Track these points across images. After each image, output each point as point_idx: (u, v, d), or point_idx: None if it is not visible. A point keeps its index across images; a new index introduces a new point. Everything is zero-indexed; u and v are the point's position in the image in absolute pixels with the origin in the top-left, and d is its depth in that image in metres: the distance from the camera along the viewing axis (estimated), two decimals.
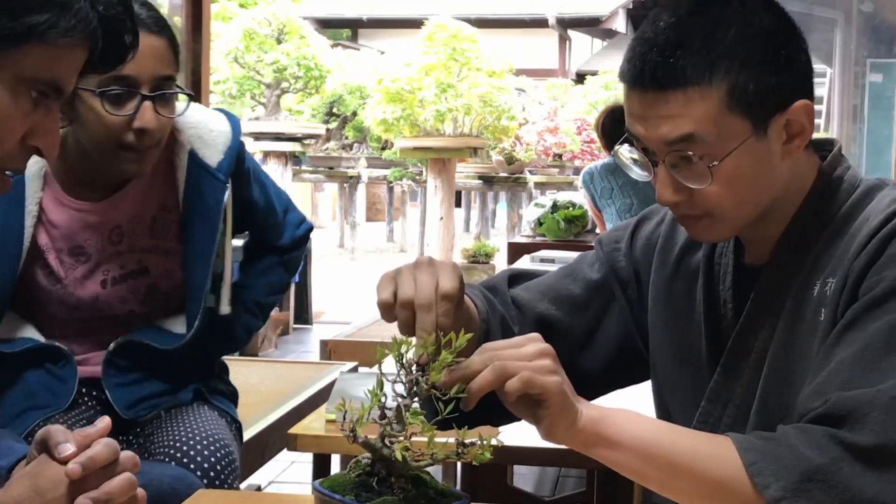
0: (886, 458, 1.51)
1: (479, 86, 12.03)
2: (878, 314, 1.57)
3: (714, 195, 1.64)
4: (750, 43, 1.62)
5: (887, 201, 1.65)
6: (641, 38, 1.64)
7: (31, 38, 1.58)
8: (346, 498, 1.53)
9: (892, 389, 1.52)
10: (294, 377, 3.53)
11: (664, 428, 1.65)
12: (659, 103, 1.62)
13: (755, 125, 1.62)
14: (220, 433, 2.40)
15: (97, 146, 2.26)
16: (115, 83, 2.19)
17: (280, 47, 13.21)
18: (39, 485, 1.55)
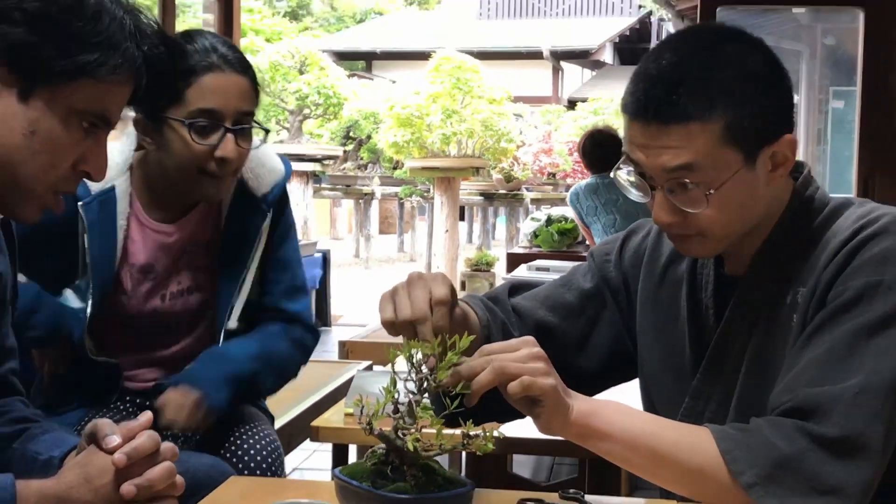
0: (849, 448, 1.51)
1: (480, 112, 12.04)
2: (843, 320, 1.58)
3: (706, 218, 1.64)
4: (744, 83, 1.62)
5: (853, 218, 1.66)
6: (644, 74, 1.64)
7: (83, 75, 1.59)
8: (364, 484, 1.53)
9: (855, 387, 1.53)
10: (315, 375, 3.53)
11: (649, 420, 1.65)
12: (661, 135, 1.61)
13: (746, 157, 1.63)
14: (268, 429, 2.41)
15: (181, 171, 2.25)
16: (203, 116, 2.20)
17: (302, 77, 13.26)
18: (89, 473, 1.56)
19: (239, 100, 2.24)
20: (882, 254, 1.59)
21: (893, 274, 1.58)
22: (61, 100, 1.60)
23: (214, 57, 2.22)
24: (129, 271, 2.34)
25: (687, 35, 1.75)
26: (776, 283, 1.71)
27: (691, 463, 1.56)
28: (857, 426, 1.51)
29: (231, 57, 2.25)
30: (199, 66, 2.20)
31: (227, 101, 2.22)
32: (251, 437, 2.34)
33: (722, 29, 1.72)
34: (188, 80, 2.19)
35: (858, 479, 1.51)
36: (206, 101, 2.20)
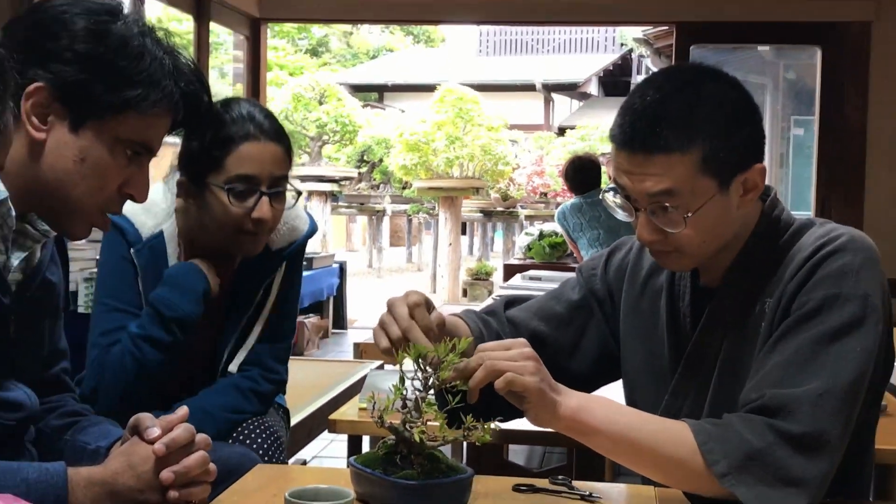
0: (811, 444, 1.52)
1: (480, 138, 12.07)
2: (805, 327, 1.59)
3: (684, 237, 1.64)
4: (720, 119, 1.62)
5: (815, 237, 1.67)
6: (630, 109, 1.64)
7: (127, 109, 1.60)
8: (376, 471, 1.54)
9: (818, 389, 1.53)
10: (333, 373, 3.52)
11: (632, 414, 1.65)
12: (645, 164, 1.62)
13: (720, 184, 1.63)
14: (271, 421, 2.40)
15: (220, 229, 2.22)
16: (240, 181, 2.17)
17: (321, 108, 13.30)
18: (132, 461, 1.56)
19: (273, 166, 2.21)
20: (840, 269, 1.60)
21: (850, 287, 1.58)
22: (108, 131, 1.61)
23: (251, 126, 2.19)
24: None
25: (670, 73, 1.75)
26: (746, 294, 1.71)
27: (670, 453, 1.56)
28: (819, 425, 1.52)
29: (266, 126, 2.22)
30: (237, 135, 2.17)
31: (262, 168, 2.18)
32: (255, 428, 2.32)
33: (702, 68, 1.72)
34: (227, 148, 2.17)
35: (818, 471, 1.51)
36: (243, 168, 2.17)
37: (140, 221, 2.25)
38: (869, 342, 1.58)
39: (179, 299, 2.18)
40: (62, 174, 1.61)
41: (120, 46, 1.60)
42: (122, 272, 2.24)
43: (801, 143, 10.09)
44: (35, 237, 1.69)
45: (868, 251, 1.63)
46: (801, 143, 10.20)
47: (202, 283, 2.21)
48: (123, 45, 1.61)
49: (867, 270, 1.61)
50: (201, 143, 2.18)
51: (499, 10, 6.51)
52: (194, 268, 2.21)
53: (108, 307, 2.23)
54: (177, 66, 1.69)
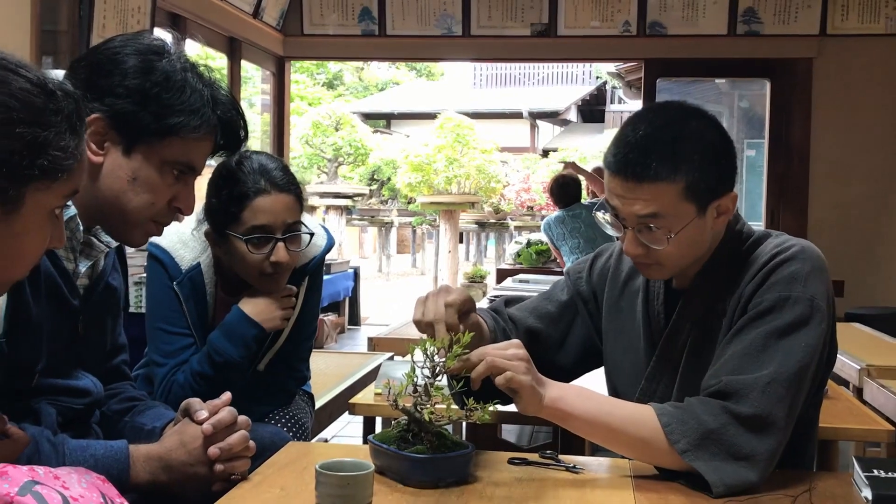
0: (760, 424, 1.53)
1: (475, 159, 12.07)
2: (759, 324, 1.61)
3: (665, 253, 1.65)
4: (702, 153, 1.62)
5: (770, 247, 1.68)
6: (623, 140, 1.64)
7: (172, 135, 1.61)
8: (391, 447, 1.55)
9: (767, 377, 1.55)
10: (350, 363, 3.52)
11: (604, 401, 1.66)
12: (635, 190, 1.62)
13: (699, 209, 1.64)
14: (295, 409, 2.40)
15: (243, 272, 2.19)
16: (257, 231, 2.12)
17: (337, 133, 13.29)
18: (184, 439, 1.59)
19: (286, 214, 2.15)
20: (791, 275, 1.62)
21: (799, 291, 1.60)
22: (155, 153, 1.62)
23: (262, 181, 2.12)
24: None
25: (659, 110, 1.73)
26: (711, 296, 1.72)
27: (638, 434, 1.58)
28: (766, 408, 1.54)
29: (277, 178, 2.15)
30: (251, 190, 2.11)
31: (275, 217, 2.12)
32: (282, 416, 2.33)
33: (686, 107, 1.70)
34: (242, 203, 2.11)
35: (766, 448, 1.53)
36: (258, 220, 2.11)
37: (179, 255, 2.22)
38: (813, 338, 1.60)
39: (227, 346, 2.15)
40: (118, 192, 1.62)
41: (164, 81, 1.61)
42: (169, 300, 2.21)
43: (753, 162, 10.12)
44: (99, 248, 1.71)
45: (816, 260, 1.65)
46: (753, 162, 10.22)
47: (252, 330, 2.16)
48: (167, 79, 1.61)
49: (814, 277, 1.62)
50: (219, 199, 2.15)
51: (490, 49, 6.53)
52: (245, 317, 2.16)
53: (164, 331, 2.21)
54: (215, 97, 1.68)
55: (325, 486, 1.25)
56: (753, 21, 6.16)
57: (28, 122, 1.17)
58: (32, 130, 1.17)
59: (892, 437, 2.27)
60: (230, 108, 1.72)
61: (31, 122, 1.17)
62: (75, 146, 1.23)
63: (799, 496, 1.52)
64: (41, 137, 1.18)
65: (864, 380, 3.10)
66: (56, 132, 1.20)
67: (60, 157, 1.20)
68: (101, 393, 1.76)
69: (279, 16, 6.47)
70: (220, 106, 1.70)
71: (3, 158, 1.15)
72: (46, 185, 1.20)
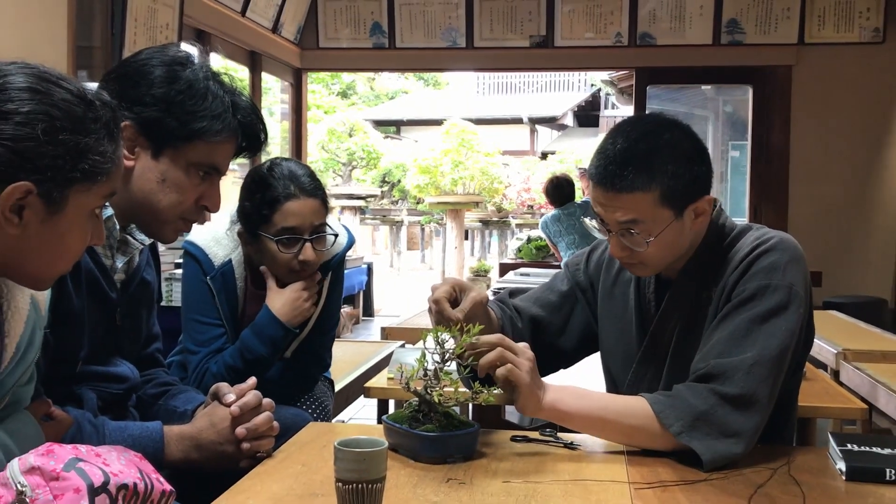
0: (745, 403, 1.54)
1: (479, 162, 12.06)
2: (742, 310, 1.61)
3: (646, 254, 1.66)
4: (675, 163, 1.63)
5: (751, 239, 1.69)
6: (604, 153, 1.65)
7: (196, 139, 1.62)
8: (404, 426, 1.56)
9: (751, 360, 1.56)
10: (364, 351, 3.53)
11: (598, 398, 1.65)
12: (615, 199, 1.63)
13: (676, 213, 1.64)
14: (318, 393, 2.42)
15: (273, 269, 2.21)
16: (286, 232, 2.15)
17: (351, 139, 13.28)
18: (214, 420, 1.60)
19: (313, 216, 2.18)
20: (771, 265, 1.62)
21: (778, 279, 1.61)
22: (182, 156, 1.63)
23: (292, 186, 2.15)
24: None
25: (635, 123, 1.72)
26: (697, 285, 1.72)
27: (633, 423, 1.58)
28: (751, 387, 1.54)
29: (306, 184, 2.18)
30: (281, 195, 2.14)
31: (303, 220, 2.16)
32: (307, 399, 2.35)
33: (661, 119, 1.70)
34: (273, 207, 2.14)
35: (751, 425, 1.54)
36: (287, 222, 2.14)
37: (212, 253, 2.24)
38: (792, 323, 1.60)
39: (257, 345, 2.17)
40: (148, 193, 1.63)
41: (187, 89, 1.62)
42: (202, 293, 2.23)
43: (737, 163, 10.10)
44: (134, 245, 1.72)
45: (794, 251, 1.66)
46: (737, 163, 10.20)
47: (280, 331, 2.18)
48: (190, 87, 1.62)
49: (793, 266, 1.63)
50: (252, 203, 2.17)
51: (492, 60, 6.53)
52: (274, 319, 2.18)
53: (198, 322, 2.23)
54: (235, 102, 1.69)
55: (343, 461, 1.27)
56: (736, 31, 6.15)
57: (70, 130, 1.18)
58: (74, 137, 1.19)
59: (865, 415, 2.28)
60: (250, 112, 1.72)
61: (72, 129, 1.19)
62: (112, 151, 1.24)
63: (779, 468, 1.53)
64: (82, 143, 1.20)
65: (840, 363, 3.11)
66: (95, 138, 1.21)
67: (100, 161, 1.22)
68: (137, 379, 1.77)
69: (296, 31, 6.48)
70: (241, 111, 1.70)
71: (48, 163, 1.16)
72: (87, 187, 1.21)
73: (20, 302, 1.30)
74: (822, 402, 2.28)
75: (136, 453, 1.23)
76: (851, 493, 1.44)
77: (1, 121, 1.14)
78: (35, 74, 1.20)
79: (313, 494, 1.37)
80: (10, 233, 1.17)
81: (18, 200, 1.16)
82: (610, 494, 1.39)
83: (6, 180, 1.14)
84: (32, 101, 1.17)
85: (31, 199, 1.16)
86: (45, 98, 1.18)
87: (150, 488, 1.17)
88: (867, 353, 3.18)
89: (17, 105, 1.15)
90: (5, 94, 1.16)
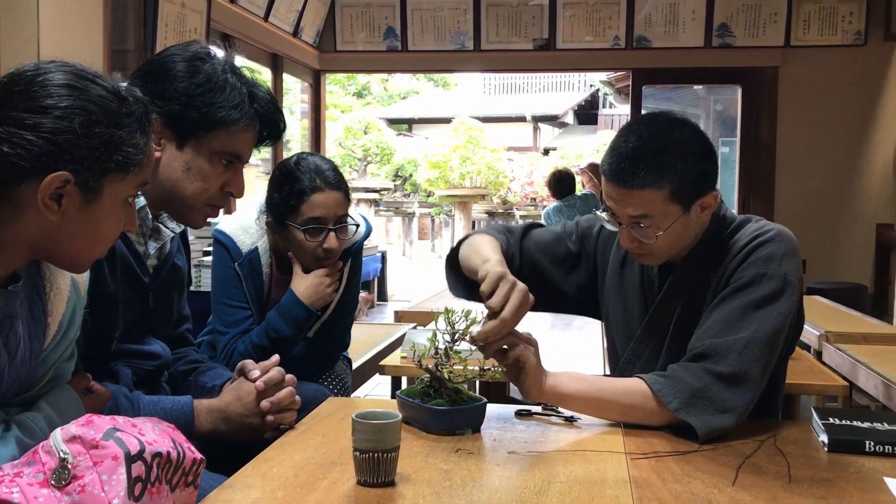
0: (738, 381, 1.54)
1: (485, 158, 12.06)
2: (739, 296, 1.61)
3: (655, 246, 1.65)
4: (685, 161, 1.61)
5: (751, 230, 1.68)
6: (616, 151, 1.63)
7: (217, 129, 1.60)
8: (416, 400, 1.57)
9: (744, 340, 1.56)
10: (379, 333, 3.53)
11: (595, 380, 1.64)
12: (627, 195, 1.62)
13: (684, 209, 1.63)
14: (338, 371, 2.43)
15: (299, 256, 2.23)
16: (312, 222, 2.16)
17: (366, 136, 13.28)
18: (240, 394, 1.60)
19: (337, 208, 2.19)
20: (768, 255, 1.62)
21: (774, 269, 1.60)
22: (205, 146, 1.61)
23: (318, 180, 2.17)
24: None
25: (648, 122, 1.68)
26: (698, 270, 1.71)
27: (630, 402, 1.58)
28: (743, 366, 1.54)
29: (331, 178, 2.20)
30: (308, 188, 2.16)
31: (328, 211, 2.17)
32: (328, 376, 2.36)
33: (672, 119, 1.67)
34: (301, 198, 2.16)
35: (743, 401, 1.54)
36: (314, 212, 2.16)
37: (240, 241, 2.25)
38: (785, 309, 1.60)
39: (282, 325, 2.18)
40: (175, 181, 1.62)
41: (206, 82, 1.60)
42: (231, 279, 2.25)
43: (727, 158, 10.03)
44: (165, 233, 1.72)
45: (790, 243, 1.65)
46: (726, 158, 10.13)
47: (303, 313, 2.19)
48: (209, 80, 1.60)
49: (788, 257, 1.62)
50: (281, 194, 2.18)
51: (498, 62, 6.51)
52: (297, 301, 2.20)
53: (226, 305, 2.25)
54: (253, 93, 1.66)
55: (360, 432, 1.27)
56: (726, 35, 6.13)
57: (105, 124, 1.19)
58: (109, 130, 1.19)
59: (846, 392, 2.27)
60: (268, 102, 1.70)
61: (107, 123, 1.19)
62: (144, 143, 1.24)
63: (765, 440, 1.53)
64: (116, 136, 1.20)
65: (823, 344, 3.11)
66: (128, 131, 1.21)
67: (132, 152, 1.22)
68: (169, 356, 1.78)
69: (315, 35, 6.48)
70: (259, 101, 1.67)
71: (85, 154, 1.17)
72: (121, 177, 1.21)
73: (61, 284, 1.31)
74: (806, 379, 2.28)
75: (169, 424, 1.24)
76: (833, 463, 1.44)
77: (41, 115, 1.15)
78: (73, 72, 1.20)
79: (333, 463, 1.38)
80: (50, 219, 1.17)
81: (57, 189, 1.16)
82: (608, 464, 1.40)
83: (46, 170, 1.15)
84: (70, 96, 1.17)
85: (69, 188, 1.16)
86: (82, 94, 1.18)
87: (182, 456, 1.18)
88: (848, 335, 3.17)
89: (56, 100, 1.16)
90: (45, 91, 1.16)
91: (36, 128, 1.14)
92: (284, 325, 2.19)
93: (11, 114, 1.14)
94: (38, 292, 1.28)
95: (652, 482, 1.31)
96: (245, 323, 2.24)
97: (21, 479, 1.06)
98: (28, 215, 1.16)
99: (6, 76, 1.19)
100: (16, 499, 1.03)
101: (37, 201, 1.15)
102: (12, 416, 1.23)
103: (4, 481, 1.05)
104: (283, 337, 2.19)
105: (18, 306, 1.23)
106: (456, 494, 1.24)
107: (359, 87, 23.82)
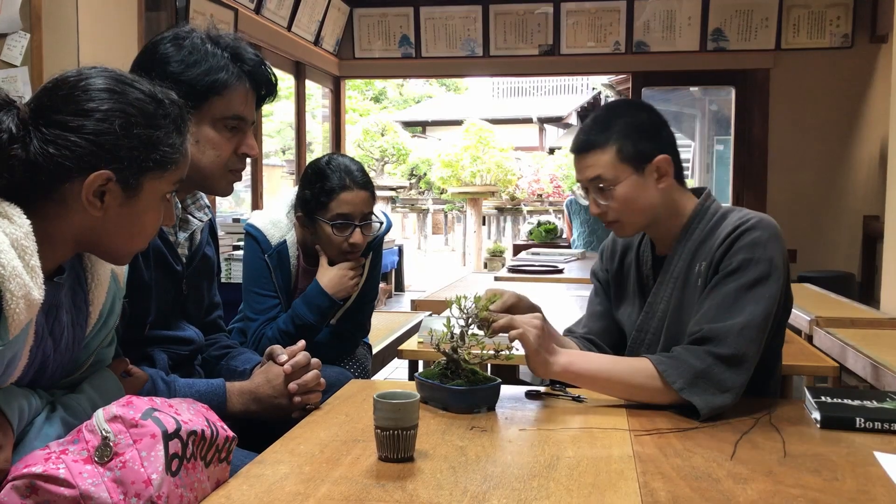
0: (737, 362, 1.53)
1: (494, 157, 12.02)
2: (729, 281, 1.60)
3: (617, 209, 1.70)
4: (629, 125, 1.69)
5: (735, 219, 1.67)
6: (578, 131, 1.73)
7: (209, 95, 1.57)
8: (434, 381, 1.57)
9: (740, 323, 1.55)
10: (397, 320, 3.54)
11: (605, 360, 1.64)
12: (582, 160, 1.72)
13: (635, 169, 1.68)
14: (360, 355, 2.43)
15: (326, 249, 2.24)
16: (340, 218, 2.18)
17: (383, 138, 13.27)
18: (269, 377, 1.60)
19: (363, 206, 2.21)
20: (753, 241, 1.61)
21: (760, 254, 1.59)
22: (205, 114, 1.59)
23: (347, 179, 2.18)
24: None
25: (604, 105, 1.80)
26: (688, 260, 1.71)
27: (637, 380, 1.57)
28: (741, 348, 1.54)
29: (359, 178, 2.21)
30: (337, 186, 2.17)
31: (355, 208, 2.19)
32: (349, 360, 2.36)
33: (626, 101, 1.77)
34: (331, 196, 2.17)
35: (740, 380, 1.53)
36: (342, 209, 2.18)
37: (270, 234, 2.26)
38: (773, 291, 1.59)
39: (307, 313, 2.19)
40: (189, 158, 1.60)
41: (190, 55, 1.57)
42: (260, 269, 2.25)
43: (721, 155, 10.02)
44: (193, 223, 1.72)
45: (773, 228, 1.64)
46: (721, 155, 10.13)
47: (326, 302, 2.20)
48: (191, 53, 1.57)
49: (772, 242, 1.61)
50: (312, 191, 2.20)
51: (506, 66, 6.50)
52: (322, 291, 2.20)
53: (256, 293, 2.25)
54: (240, 54, 1.62)
55: (381, 411, 1.27)
56: (721, 39, 6.09)
57: (143, 125, 1.19)
58: (147, 131, 1.19)
59: (836, 373, 2.26)
60: (254, 61, 1.65)
61: (145, 124, 1.19)
62: (180, 143, 1.24)
63: (761, 418, 1.52)
64: (154, 136, 1.20)
65: (813, 328, 3.09)
66: (165, 132, 1.21)
67: (169, 151, 1.22)
68: (202, 341, 1.78)
69: (335, 43, 6.48)
70: (245, 60, 1.63)
71: (125, 154, 1.17)
72: (159, 175, 1.22)
73: (102, 275, 1.31)
74: (798, 361, 2.26)
75: (204, 405, 1.24)
76: (825, 438, 1.43)
77: (83, 118, 1.15)
78: (112, 77, 1.20)
79: (355, 440, 1.38)
80: (94, 215, 1.17)
81: (100, 187, 1.16)
82: (613, 440, 1.39)
83: (89, 169, 1.15)
84: (110, 100, 1.17)
85: (110, 185, 1.17)
86: (121, 97, 1.18)
87: (216, 434, 1.18)
88: (837, 319, 3.15)
89: (97, 104, 1.16)
90: (87, 95, 1.16)
91: (79, 130, 1.14)
92: (308, 313, 2.20)
93: (56, 117, 1.15)
94: (80, 283, 1.28)
95: (655, 457, 1.31)
96: (273, 310, 2.25)
97: (66, 456, 1.06)
98: (73, 211, 1.16)
99: (51, 81, 1.19)
100: (62, 474, 1.04)
101: (81, 198, 1.15)
102: (58, 398, 1.24)
103: (52, 458, 1.06)
104: (308, 324, 2.20)
105: (63, 296, 1.23)
106: (471, 469, 1.24)
107: (376, 92, 23.81)
